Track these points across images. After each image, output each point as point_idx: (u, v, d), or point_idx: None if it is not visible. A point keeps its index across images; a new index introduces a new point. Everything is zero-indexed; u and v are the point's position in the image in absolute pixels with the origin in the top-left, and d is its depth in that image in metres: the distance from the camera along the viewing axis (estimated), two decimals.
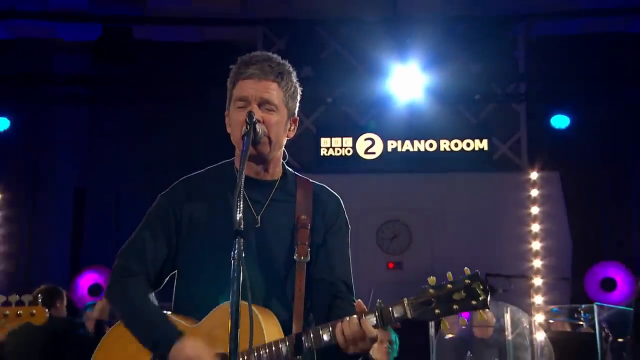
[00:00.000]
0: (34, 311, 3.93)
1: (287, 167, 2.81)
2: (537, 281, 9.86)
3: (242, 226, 2.15)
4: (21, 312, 3.89)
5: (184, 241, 2.66)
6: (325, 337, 2.33)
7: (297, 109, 2.73)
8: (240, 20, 10.04)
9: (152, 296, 2.65)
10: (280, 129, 2.62)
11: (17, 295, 3.91)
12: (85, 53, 9.86)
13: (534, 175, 10.08)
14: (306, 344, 2.36)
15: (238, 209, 2.15)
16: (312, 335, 2.36)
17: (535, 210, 9.98)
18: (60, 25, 10.28)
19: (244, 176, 2.23)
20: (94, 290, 9.52)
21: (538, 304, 9.46)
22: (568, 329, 8.69)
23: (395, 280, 9.58)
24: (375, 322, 2.27)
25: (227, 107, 2.64)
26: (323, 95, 10.16)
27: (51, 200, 11.07)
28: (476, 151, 10.23)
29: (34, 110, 10.87)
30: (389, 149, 10.33)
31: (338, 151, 10.48)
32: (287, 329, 2.45)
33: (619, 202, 9.74)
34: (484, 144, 10.17)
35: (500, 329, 7.62)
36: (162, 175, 9.22)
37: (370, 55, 9.35)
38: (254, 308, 2.27)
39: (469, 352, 6.61)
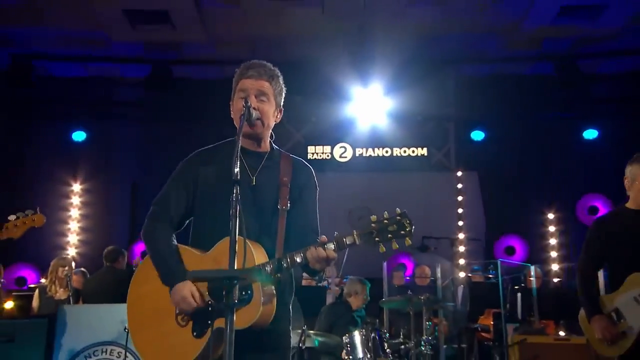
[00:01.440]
0: (35, 218, 4.09)
1: (274, 144, 2.98)
2: (461, 248, 10.07)
3: (238, 177, 2.35)
4: (25, 220, 4.05)
5: (198, 195, 2.80)
6: (298, 259, 2.51)
7: (282, 103, 2.92)
8: (242, 60, 10.25)
9: (173, 237, 2.78)
10: (270, 115, 2.79)
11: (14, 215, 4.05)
12: (139, 86, 10.00)
13: (459, 174, 10.51)
14: (284, 264, 2.52)
15: (236, 165, 2.35)
16: (288, 258, 2.53)
17: (460, 198, 10.43)
18: (122, 66, 10.44)
19: (240, 142, 2.45)
20: (144, 254, 9.55)
21: (462, 264, 9.82)
22: (482, 280, 8.82)
23: (362, 251, 9.52)
24: (333, 247, 2.46)
25: (232, 98, 2.85)
26: (309, 115, 10.47)
27: (115, 190, 10.95)
28: (419, 156, 10.55)
29: (103, 126, 10.88)
30: (357, 154, 10.63)
31: (320, 156, 10.76)
32: (271, 256, 2.58)
33: (518, 192, 10.16)
34: (424, 151, 10.52)
35: (435, 278, 7.78)
36: None
37: (342, 85, 9.56)
38: (250, 243, 2.56)
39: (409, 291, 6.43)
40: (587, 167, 10.21)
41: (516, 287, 7.96)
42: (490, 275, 8.47)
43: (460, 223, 10.34)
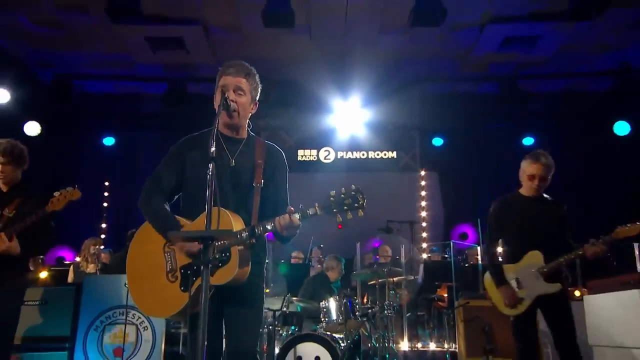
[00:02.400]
0: (73, 193, 4.02)
1: (250, 131, 2.94)
2: (424, 234, 10.40)
3: (214, 155, 2.34)
4: (65, 194, 3.99)
5: (186, 174, 2.77)
6: (269, 227, 2.51)
7: (257, 97, 2.92)
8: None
9: (166, 205, 2.78)
10: (246, 106, 2.78)
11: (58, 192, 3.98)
12: (159, 101, 10.06)
13: (422, 173, 10.85)
14: (257, 231, 2.51)
15: (212, 145, 2.34)
16: (260, 226, 2.52)
17: (423, 193, 10.73)
18: (144, 84, 10.50)
19: (217, 127, 2.45)
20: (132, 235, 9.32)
21: (424, 247, 10.11)
22: (439, 259, 9.12)
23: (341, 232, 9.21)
24: (298, 217, 2.49)
25: (214, 92, 2.82)
26: (299, 124, 10.79)
27: (139, 188, 10.71)
28: (389, 159, 10.85)
29: (129, 134, 10.99)
30: (339, 157, 10.85)
31: (308, 158, 10.90)
32: (247, 225, 2.57)
33: (470, 188, 10.45)
34: (394, 154, 10.84)
35: (399, 256, 7.90)
36: None
37: (326, 99, 9.88)
38: (227, 212, 2.55)
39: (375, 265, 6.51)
40: None
41: (466, 264, 8.31)
42: (446, 255, 8.77)
43: (424, 214, 10.57)
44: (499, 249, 4.40)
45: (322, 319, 5.36)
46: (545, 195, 4.31)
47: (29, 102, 9.20)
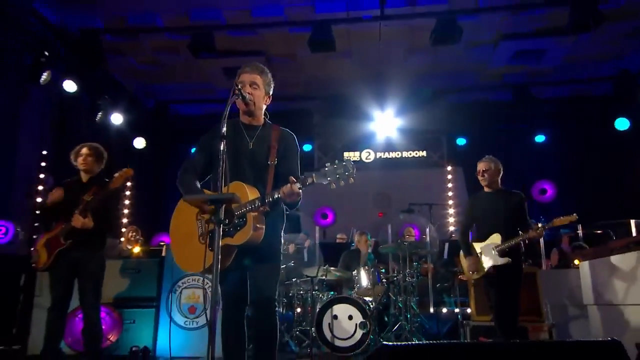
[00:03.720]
0: (126, 171, 3.92)
1: (267, 119, 2.87)
2: (451, 219, 10.30)
3: (225, 134, 2.31)
4: (121, 174, 3.92)
5: (213, 156, 2.67)
6: (276, 195, 2.41)
7: (270, 91, 2.85)
8: (300, 96, 10.32)
9: (197, 183, 2.69)
10: (260, 98, 2.72)
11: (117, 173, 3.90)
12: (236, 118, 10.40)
13: (449, 168, 10.65)
14: (267, 199, 2.43)
15: (223, 126, 2.33)
16: (270, 195, 2.44)
17: (449, 185, 10.53)
18: (222, 105, 10.55)
19: (227, 112, 2.41)
20: None
21: (451, 230, 9.81)
22: None
23: (382, 220, 9.65)
24: (299, 185, 2.36)
25: (233, 87, 2.61)
26: (345, 130, 10.73)
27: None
28: (420, 157, 10.81)
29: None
30: (377, 157, 10.78)
31: (352, 158, 10.53)
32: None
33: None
34: (424, 154, 10.80)
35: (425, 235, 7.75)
36: None
37: (367, 110, 9.92)
38: (244, 184, 2.51)
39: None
40: (538, 161, 10.20)
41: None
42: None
43: (450, 202, 10.43)
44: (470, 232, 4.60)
45: (355, 285, 5.40)
46: (504, 189, 4.43)
47: (137, 123, 9.56)
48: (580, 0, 7.05)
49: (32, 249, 4.17)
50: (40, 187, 7.68)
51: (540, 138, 10.08)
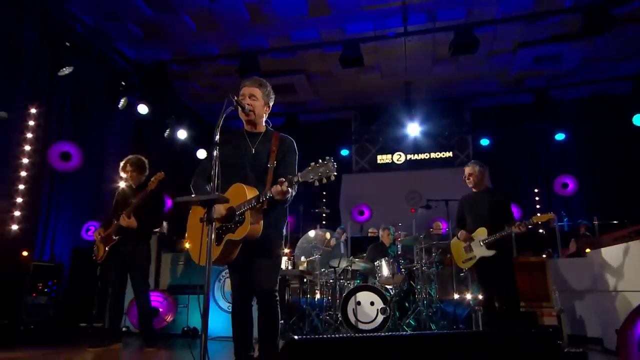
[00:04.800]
0: (159, 175, 3.95)
1: (268, 127, 2.77)
2: None
3: (218, 141, 2.25)
4: (155, 177, 3.97)
5: (221, 162, 2.44)
6: (269, 194, 2.29)
7: (270, 102, 2.73)
8: (338, 108, 10.44)
9: (207, 186, 2.60)
10: (259, 108, 2.62)
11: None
12: (280, 129, 10.52)
13: None
14: (261, 198, 2.32)
15: (217, 133, 2.27)
16: (263, 195, 2.33)
17: None
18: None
19: (222, 120, 2.32)
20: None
21: None
22: None
23: (415, 216, 9.13)
24: (287, 184, 2.24)
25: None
26: (378, 136, 10.58)
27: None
28: (446, 158, 10.31)
29: None
30: (407, 158, 10.46)
31: (385, 161, 10.53)
32: None
33: (514, 176, 9.79)
34: (450, 154, 10.27)
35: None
36: None
37: (397, 117, 9.54)
38: (244, 185, 2.43)
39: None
40: (560, 157, 9.64)
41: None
42: None
43: None
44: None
45: (377, 275, 5.33)
46: (490, 188, 4.42)
47: (199, 137, 9.61)
48: (592, 6, 6.57)
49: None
50: None
51: (560, 136, 9.46)
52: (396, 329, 4.90)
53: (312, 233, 5.96)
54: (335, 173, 2.20)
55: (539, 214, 3.99)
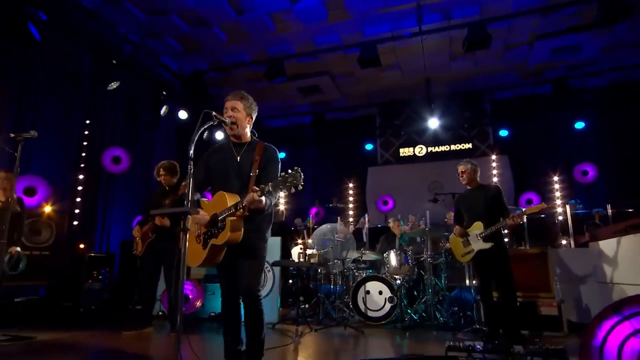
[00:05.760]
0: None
1: (254, 137, 2.67)
2: None
3: (192, 156, 2.20)
4: (184, 182, 3.64)
5: (210, 172, 2.58)
6: (244, 203, 2.28)
7: (252, 113, 2.64)
8: (362, 105, 10.17)
9: (198, 194, 2.58)
10: (241, 120, 2.55)
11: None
12: (310, 127, 10.09)
13: (494, 157, 9.54)
14: (238, 206, 2.30)
15: (192, 147, 2.21)
16: (240, 204, 2.30)
17: (494, 172, 9.49)
18: (300, 117, 10.68)
19: (196, 137, 2.26)
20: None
21: None
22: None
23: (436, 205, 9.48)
24: (260, 194, 2.22)
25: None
26: (401, 131, 10.30)
27: (305, 183, 11.15)
28: (466, 149, 9.86)
29: (294, 149, 10.72)
30: (428, 151, 10.14)
31: (407, 154, 10.22)
32: None
33: (534, 165, 9.25)
34: (470, 145, 9.82)
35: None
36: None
37: (418, 111, 9.39)
38: (226, 194, 2.39)
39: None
40: (579, 145, 9.02)
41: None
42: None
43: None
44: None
45: (386, 265, 5.26)
46: (482, 184, 4.28)
47: None
48: None
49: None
50: None
51: (580, 125, 8.87)
52: (402, 317, 4.83)
53: (326, 226, 5.93)
54: (302, 183, 2.17)
55: (531, 206, 3.87)
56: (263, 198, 2.28)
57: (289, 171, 2.18)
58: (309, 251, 5.01)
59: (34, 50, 5.88)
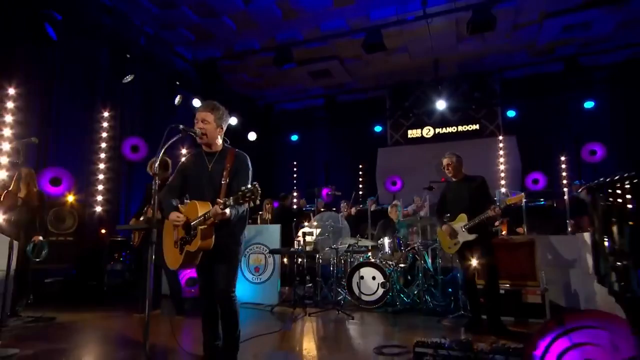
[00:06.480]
0: None
1: (225, 144, 2.62)
2: (502, 182, 8.98)
3: (157, 172, 2.31)
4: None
5: (187, 179, 2.58)
6: (210, 214, 2.29)
7: (223, 123, 2.56)
8: (372, 88, 9.92)
9: (175, 200, 2.56)
10: (211, 131, 2.50)
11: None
12: (321, 109, 10.10)
13: (501, 137, 9.23)
14: (205, 217, 2.31)
15: (157, 161, 2.29)
16: (204, 215, 2.32)
17: (502, 152, 9.15)
18: (313, 100, 10.40)
19: (164, 148, 2.30)
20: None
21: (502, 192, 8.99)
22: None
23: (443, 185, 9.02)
24: (222, 207, 2.24)
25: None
26: (409, 113, 10.03)
27: (315, 166, 10.72)
28: (473, 130, 9.56)
29: (307, 131, 10.76)
30: (436, 132, 9.89)
31: (415, 135, 10.02)
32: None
33: (541, 144, 8.86)
34: (477, 127, 9.52)
35: None
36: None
37: (427, 92, 9.00)
38: (197, 203, 2.39)
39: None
40: (588, 125, 8.51)
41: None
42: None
43: (502, 168, 9.14)
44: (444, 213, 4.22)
45: (380, 252, 5.17)
46: (467, 176, 4.11)
47: (250, 120, 9.81)
48: None
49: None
50: None
51: (589, 104, 8.33)
52: (394, 301, 4.83)
53: (329, 213, 5.89)
54: (259, 198, 2.18)
55: (510, 196, 3.83)
56: (227, 210, 2.27)
57: (249, 186, 2.17)
58: (308, 238, 5.00)
59: (54, 49, 5.98)
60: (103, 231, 6.05)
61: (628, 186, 1.48)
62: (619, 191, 1.50)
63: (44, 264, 4.86)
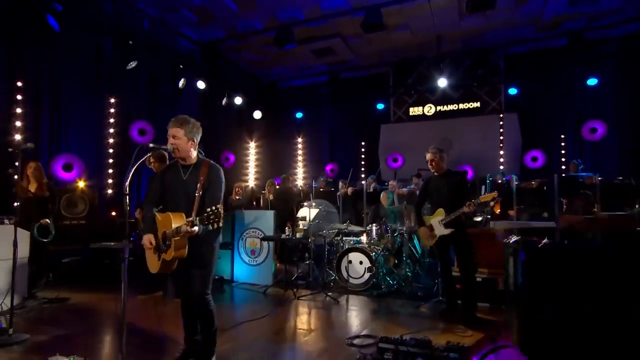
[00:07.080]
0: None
1: (200, 157, 2.63)
2: (501, 160, 8.67)
3: (127, 191, 2.36)
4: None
5: (165, 190, 2.58)
6: (181, 230, 2.36)
7: (195, 136, 2.55)
8: (375, 65, 9.62)
9: (154, 209, 2.57)
10: (182, 145, 2.50)
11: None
12: (326, 86, 9.79)
13: (501, 115, 8.84)
14: (178, 231, 2.35)
15: (127, 179, 2.31)
16: (177, 229, 2.36)
17: (501, 130, 8.76)
18: (316, 77, 10.27)
19: (134, 168, 2.32)
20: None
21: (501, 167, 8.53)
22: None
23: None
24: (190, 226, 2.32)
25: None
26: (411, 91, 9.62)
27: (322, 139, 10.58)
28: (474, 107, 9.14)
29: (311, 108, 10.46)
30: (438, 110, 9.50)
31: (417, 113, 9.67)
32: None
33: (543, 121, 8.46)
34: (478, 104, 9.08)
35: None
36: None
37: (429, 70, 8.64)
38: (171, 215, 2.43)
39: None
40: (590, 102, 8.06)
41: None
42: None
43: (502, 145, 8.90)
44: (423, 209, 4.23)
45: (368, 237, 5.17)
46: (449, 171, 4.03)
47: (255, 99, 9.71)
48: None
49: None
50: None
51: (592, 81, 7.82)
52: (379, 285, 4.91)
53: (324, 201, 5.86)
54: (222, 222, 2.21)
55: (484, 194, 3.85)
56: (195, 227, 2.32)
57: (213, 208, 2.21)
58: (300, 224, 5.07)
59: (58, 40, 5.95)
60: (114, 213, 6.24)
61: None
62: None
63: (62, 246, 5.14)
